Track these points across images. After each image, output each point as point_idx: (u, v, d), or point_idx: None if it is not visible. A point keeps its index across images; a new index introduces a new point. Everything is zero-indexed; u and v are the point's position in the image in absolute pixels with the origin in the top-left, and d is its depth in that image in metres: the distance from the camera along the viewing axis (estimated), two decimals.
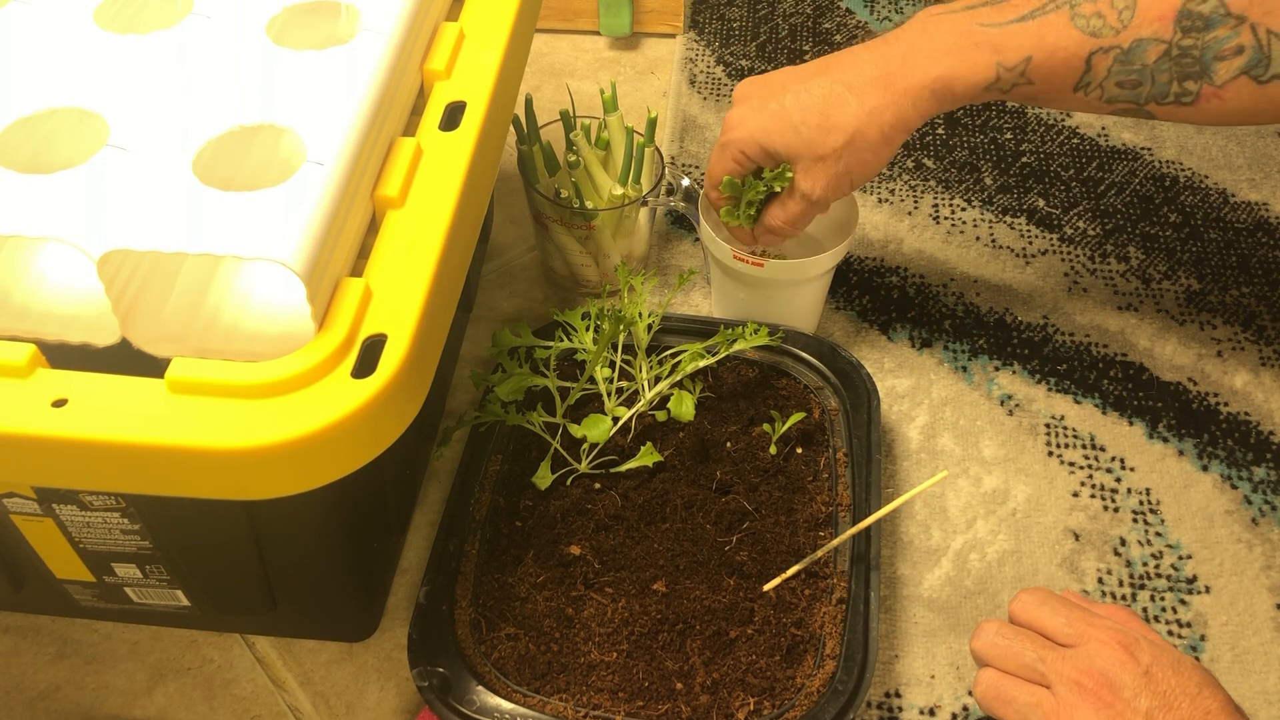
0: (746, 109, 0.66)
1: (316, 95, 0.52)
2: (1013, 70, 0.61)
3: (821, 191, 0.65)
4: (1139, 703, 0.49)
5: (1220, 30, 0.57)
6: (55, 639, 0.64)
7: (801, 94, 0.64)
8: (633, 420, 0.69)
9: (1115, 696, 0.49)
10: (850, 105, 0.63)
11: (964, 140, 0.95)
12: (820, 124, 0.63)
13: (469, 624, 0.60)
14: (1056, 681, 0.51)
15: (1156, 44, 0.59)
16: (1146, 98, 0.61)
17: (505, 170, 0.90)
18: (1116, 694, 0.50)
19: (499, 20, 0.61)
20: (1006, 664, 0.53)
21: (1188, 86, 0.59)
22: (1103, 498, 0.71)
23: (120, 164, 0.48)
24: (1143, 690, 0.50)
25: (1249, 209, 0.89)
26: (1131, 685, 0.50)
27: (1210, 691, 0.49)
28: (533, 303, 0.83)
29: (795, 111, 0.64)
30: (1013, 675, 0.53)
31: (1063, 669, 0.51)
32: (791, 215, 0.67)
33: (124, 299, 0.47)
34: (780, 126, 0.64)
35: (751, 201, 0.68)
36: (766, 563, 0.63)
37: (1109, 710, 0.49)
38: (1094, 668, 0.51)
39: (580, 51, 1.05)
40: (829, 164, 0.64)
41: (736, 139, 0.66)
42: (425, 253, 0.49)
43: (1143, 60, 0.59)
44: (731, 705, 0.57)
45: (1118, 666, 0.50)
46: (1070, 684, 0.51)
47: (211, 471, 0.43)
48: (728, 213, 0.70)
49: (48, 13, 0.56)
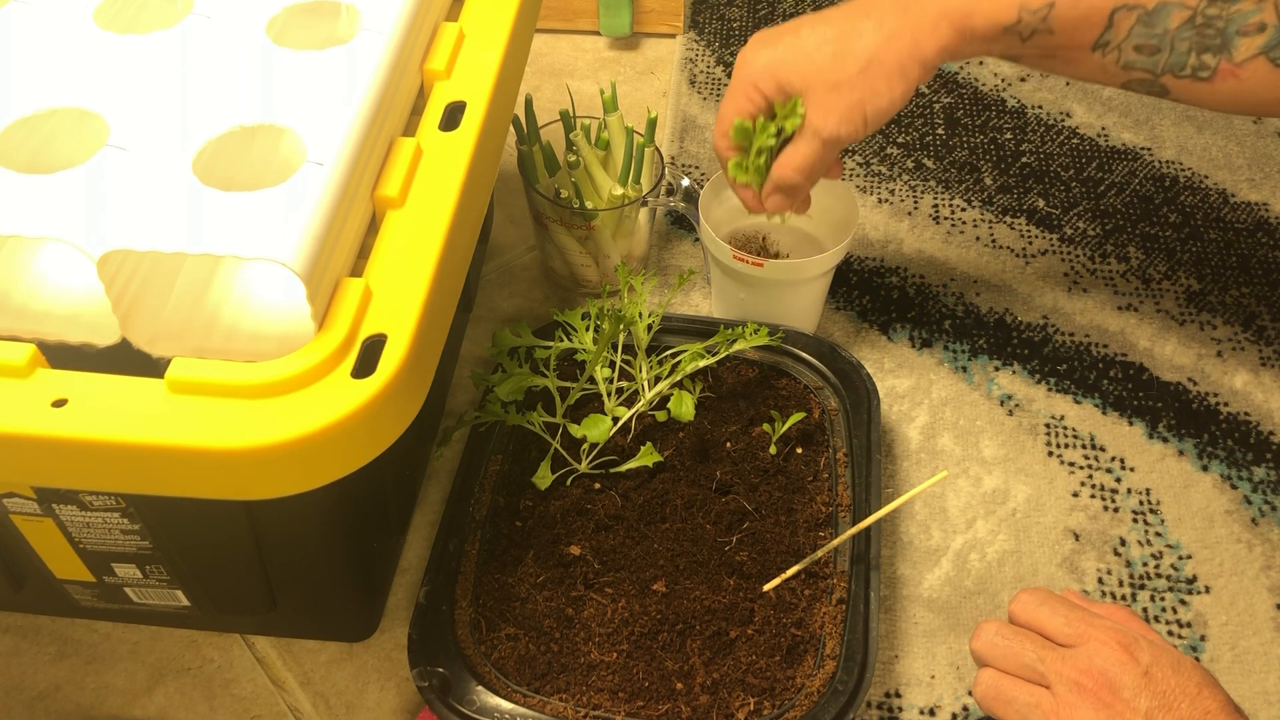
0: (759, 45, 0.65)
1: (316, 95, 0.52)
2: (1035, 14, 0.60)
3: (834, 125, 0.62)
4: (1138, 703, 0.49)
5: (1245, 4, 0.57)
6: (55, 639, 0.64)
7: (818, 25, 0.63)
8: (633, 420, 0.69)
9: (1115, 697, 0.49)
10: (867, 33, 0.62)
11: (964, 140, 0.95)
12: (835, 51, 0.62)
13: (469, 624, 0.60)
14: (1056, 682, 0.51)
15: (1181, 9, 0.58)
16: (1163, 68, 0.60)
17: (505, 170, 0.90)
18: (1116, 694, 0.49)
19: (499, 20, 0.61)
20: (1006, 664, 0.53)
21: (1205, 60, 0.59)
22: (1103, 498, 0.71)
23: (120, 164, 0.48)
24: (1142, 690, 0.49)
25: (1249, 209, 0.89)
26: (1131, 685, 0.49)
27: (1210, 692, 0.49)
28: (533, 303, 0.83)
29: (810, 41, 0.63)
30: (1012, 675, 0.53)
31: (1062, 669, 0.51)
32: (803, 159, 0.64)
33: (124, 299, 0.47)
34: (794, 56, 0.63)
35: (762, 149, 0.65)
36: (766, 563, 0.63)
37: (1108, 710, 0.49)
38: (1094, 668, 0.51)
39: (580, 51, 1.05)
40: (843, 93, 0.62)
41: (748, 74, 0.64)
42: (425, 253, 0.49)
43: (1165, 24, 0.59)
44: (731, 705, 0.57)
45: (1117, 667, 0.50)
46: (1070, 684, 0.51)
47: (211, 471, 0.43)
48: (736, 166, 0.67)
49: (48, 13, 0.56)
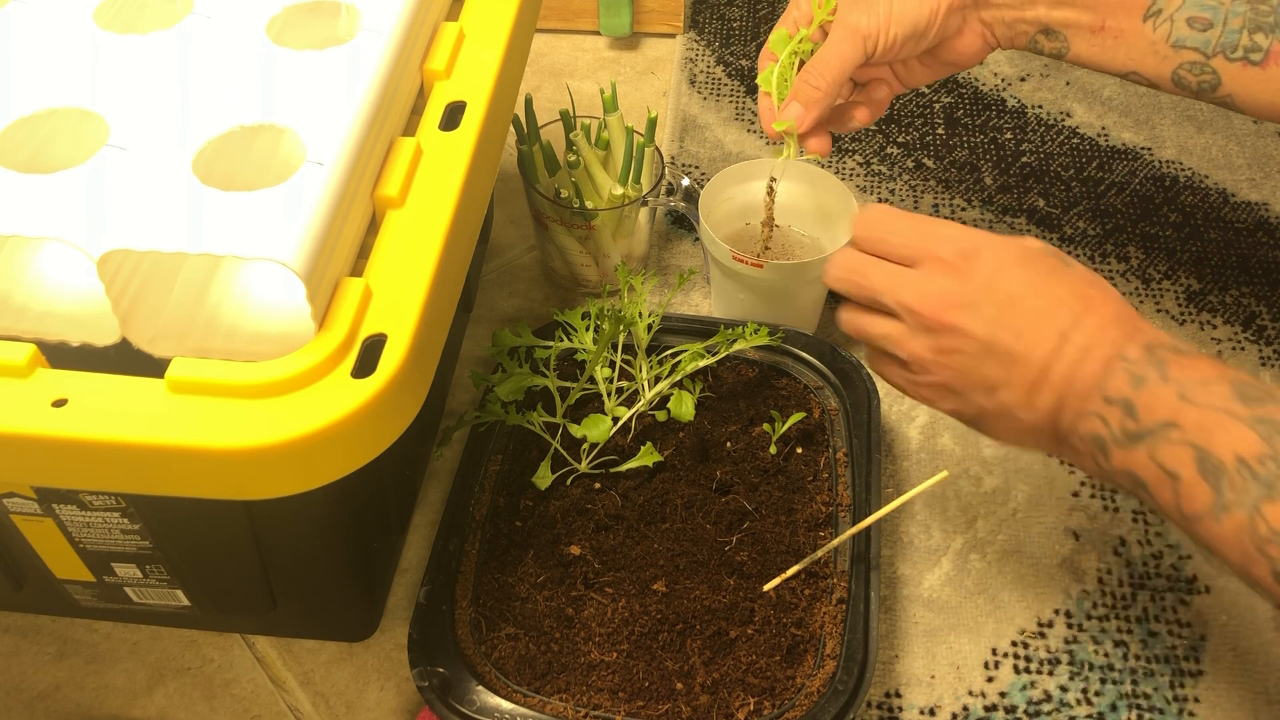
0: None
1: (316, 95, 0.52)
2: None
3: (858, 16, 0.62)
4: (983, 312, 0.49)
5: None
6: (55, 639, 0.64)
7: None
8: (633, 420, 0.69)
9: (954, 315, 0.49)
10: None
11: (964, 140, 0.95)
12: None
13: (469, 624, 0.60)
14: (899, 310, 0.51)
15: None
16: (1215, 47, 0.59)
17: (505, 170, 0.90)
18: (954, 311, 0.49)
19: (499, 20, 0.61)
20: (859, 298, 0.53)
21: (1258, 40, 0.58)
22: (1103, 498, 0.70)
23: (120, 164, 0.48)
24: (984, 300, 0.49)
25: (1249, 209, 0.89)
26: (971, 298, 0.49)
27: (1060, 278, 0.49)
28: (533, 303, 0.83)
29: None
30: (866, 309, 0.53)
31: (902, 296, 0.50)
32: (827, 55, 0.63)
33: (124, 299, 0.47)
34: None
35: (795, 54, 0.64)
36: (766, 563, 0.62)
37: (950, 335, 0.49)
38: (931, 291, 0.50)
39: (580, 51, 1.05)
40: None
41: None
42: (425, 253, 0.49)
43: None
44: (731, 705, 0.57)
45: (954, 282, 0.49)
46: (909, 312, 0.50)
47: (211, 471, 0.43)
48: (765, 76, 0.66)
49: (48, 13, 0.56)
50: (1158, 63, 0.61)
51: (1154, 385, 0.46)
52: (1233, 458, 0.44)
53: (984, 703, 0.61)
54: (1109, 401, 0.47)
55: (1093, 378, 0.48)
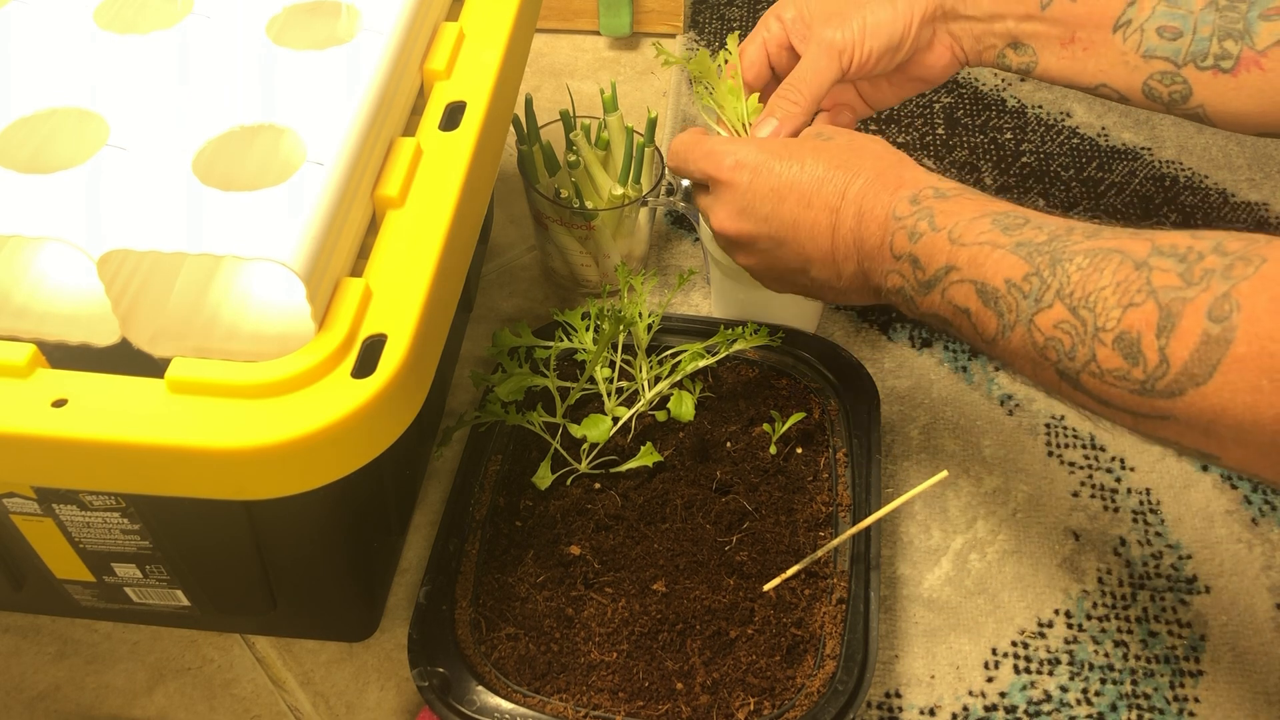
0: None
1: (316, 95, 0.52)
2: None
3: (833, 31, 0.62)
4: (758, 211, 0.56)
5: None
6: (55, 639, 0.64)
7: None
8: (633, 420, 0.69)
9: (739, 223, 0.57)
10: None
11: (964, 140, 0.95)
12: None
13: (469, 624, 0.60)
14: (716, 235, 0.60)
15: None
16: (1185, 56, 0.59)
17: (505, 170, 0.90)
18: (738, 220, 0.57)
19: (499, 20, 0.61)
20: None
21: (1228, 47, 0.58)
22: (1103, 498, 0.71)
23: (120, 164, 0.48)
24: (757, 202, 0.56)
25: (1249, 209, 0.89)
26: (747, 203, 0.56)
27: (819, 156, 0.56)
28: (533, 303, 0.83)
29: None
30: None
31: (713, 223, 0.59)
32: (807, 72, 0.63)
33: (124, 299, 0.47)
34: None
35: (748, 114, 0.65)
36: (766, 563, 0.63)
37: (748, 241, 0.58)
38: (718, 210, 0.58)
39: (580, 51, 1.05)
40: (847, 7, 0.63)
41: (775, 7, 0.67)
42: (425, 253, 0.49)
43: (1189, 5, 0.58)
44: (731, 705, 0.57)
45: (733, 193, 0.57)
46: (719, 234, 0.59)
47: (211, 471, 0.43)
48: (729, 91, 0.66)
49: (48, 13, 0.56)
50: (1128, 73, 0.61)
51: (928, 236, 0.51)
52: (1003, 283, 0.48)
53: (984, 703, 0.61)
54: (898, 258, 0.53)
55: (877, 240, 0.53)
